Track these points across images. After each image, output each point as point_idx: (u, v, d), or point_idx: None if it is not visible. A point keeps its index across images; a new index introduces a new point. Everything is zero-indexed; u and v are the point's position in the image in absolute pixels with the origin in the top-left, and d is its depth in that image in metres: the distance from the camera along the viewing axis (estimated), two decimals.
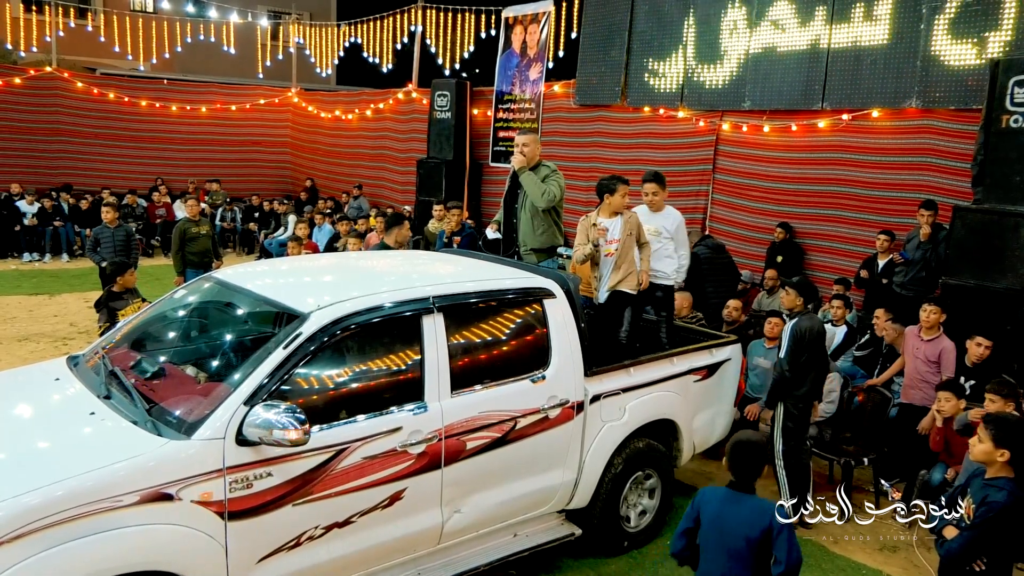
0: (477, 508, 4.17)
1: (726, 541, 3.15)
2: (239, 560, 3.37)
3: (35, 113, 16.02)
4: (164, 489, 3.16)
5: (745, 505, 3.18)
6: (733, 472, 3.28)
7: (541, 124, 12.75)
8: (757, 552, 3.09)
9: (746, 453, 3.27)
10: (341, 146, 17.66)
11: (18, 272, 12.95)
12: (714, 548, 3.20)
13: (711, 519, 3.22)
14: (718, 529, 3.19)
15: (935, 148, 8.25)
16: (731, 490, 3.24)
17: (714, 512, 3.22)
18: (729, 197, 10.31)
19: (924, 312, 6.09)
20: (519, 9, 13.34)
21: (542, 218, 5.99)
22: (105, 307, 7.26)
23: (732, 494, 3.23)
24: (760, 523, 3.10)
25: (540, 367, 4.41)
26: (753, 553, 3.09)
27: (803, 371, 5.36)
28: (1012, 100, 6.48)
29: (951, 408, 5.34)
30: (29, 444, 3.40)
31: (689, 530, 3.31)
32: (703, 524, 3.25)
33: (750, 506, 3.18)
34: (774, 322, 6.48)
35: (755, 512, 3.14)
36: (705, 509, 3.26)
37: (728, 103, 10.09)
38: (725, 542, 3.16)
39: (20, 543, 2.85)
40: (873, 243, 8.42)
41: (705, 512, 3.26)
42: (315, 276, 4.72)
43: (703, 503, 3.29)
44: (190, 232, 9.07)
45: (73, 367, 4.14)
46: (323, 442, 3.53)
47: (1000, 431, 3.51)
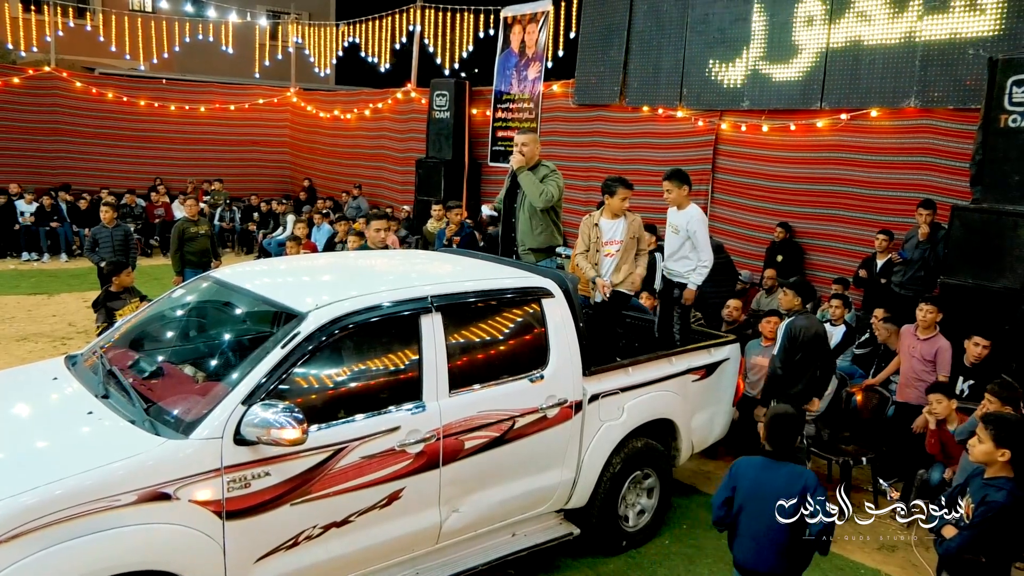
0: (475, 508, 4.17)
1: (764, 505, 3.40)
2: (237, 560, 3.37)
3: (34, 113, 16.01)
4: (162, 488, 3.15)
5: (782, 471, 3.47)
6: (771, 442, 3.58)
7: (540, 124, 12.74)
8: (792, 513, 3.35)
9: (783, 424, 3.59)
10: (340, 146, 17.65)
11: (17, 272, 12.94)
12: (752, 512, 3.47)
13: (751, 486, 3.49)
14: (758, 494, 3.45)
15: (934, 148, 8.26)
16: (767, 459, 3.54)
17: (753, 479, 3.50)
18: (729, 196, 10.31)
19: (920, 311, 6.09)
20: (518, 9, 13.34)
21: (540, 218, 5.99)
22: (103, 307, 7.26)
23: (769, 462, 3.53)
24: (797, 486, 3.39)
25: (538, 366, 4.41)
26: (788, 514, 3.35)
27: (797, 370, 5.35)
28: (1011, 99, 6.48)
29: (943, 410, 5.33)
30: (27, 443, 3.40)
31: (728, 499, 3.56)
32: (742, 491, 3.51)
33: (787, 472, 3.47)
34: (772, 321, 6.48)
35: (792, 477, 3.44)
36: (743, 478, 3.53)
37: (727, 103, 10.10)
38: (762, 506, 3.41)
39: (18, 542, 2.85)
40: (872, 243, 8.43)
41: (743, 480, 3.52)
42: (313, 275, 4.72)
43: (740, 473, 3.55)
44: (188, 232, 9.07)
45: (71, 366, 4.13)
46: (321, 441, 3.53)
47: (1000, 431, 3.51)
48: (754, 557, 3.50)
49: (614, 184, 5.67)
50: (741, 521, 3.54)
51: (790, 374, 5.33)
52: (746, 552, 3.54)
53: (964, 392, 5.89)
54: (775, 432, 3.58)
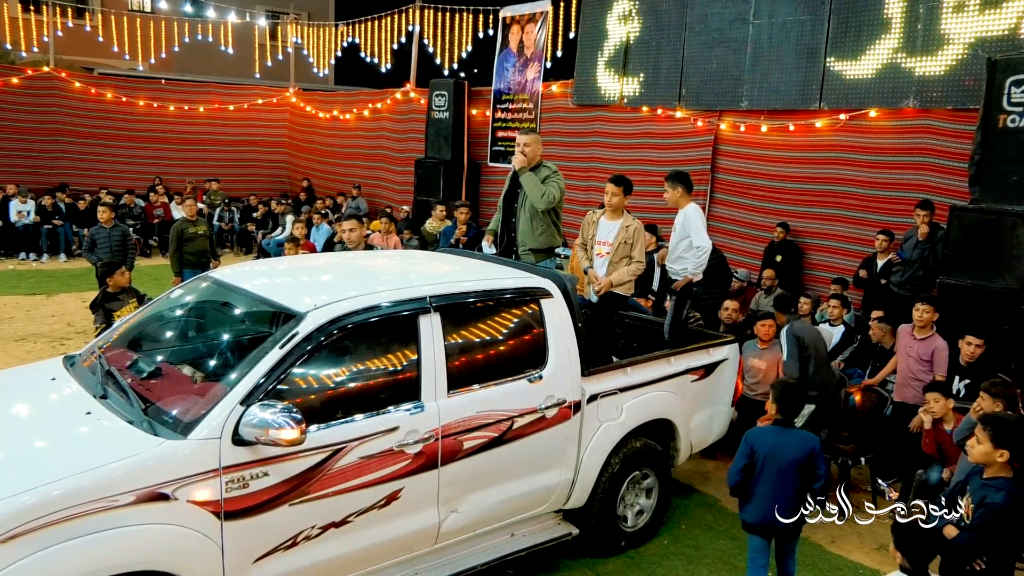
0: (474, 508, 4.17)
1: (780, 466, 4.00)
2: (235, 560, 3.37)
3: (33, 113, 16.00)
4: (160, 489, 3.15)
5: (793, 436, 4.08)
6: (780, 411, 4.13)
7: (539, 124, 12.75)
8: (801, 471, 4.00)
9: (791, 394, 4.17)
10: (339, 146, 17.65)
11: (15, 272, 12.93)
12: (769, 473, 4.02)
13: (768, 451, 4.03)
14: (774, 457, 4.01)
15: (933, 148, 8.26)
16: (778, 426, 4.11)
17: (769, 444, 4.05)
18: (728, 196, 10.31)
19: (917, 311, 6.09)
20: (517, 9, 13.34)
21: (541, 218, 5.99)
22: (101, 308, 7.26)
23: (780, 429, 4.10)
24: (806, 447, 4.01)
25: (537, 367, 4.41)
26: (798, 472, 3.99)
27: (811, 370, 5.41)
28: (1009, 100, 6.49)
29: (940, 409, 5.34)
30: (25, 444, 3.39)
31: (746, 466, 4.08)
32: (760, 456, 4.04)
33: (797, 436, 4.09)
34: (768, 324, 6.51)
35: (801, 440, 4.06)
36: (760, 444, 4.07)
37: (726, 103, 10.10)
38: (779, 466, 4.00)
39: (16, 543, 2.85)
40: (872, 242, 8.43)
41: (760, 447, 4.06)
42: (312, 276, 4.71)
43: (756, 441, 4.09)
44: (187, 232, 9.07)
45: (70, 367, 4.13)
46: (320, 442, 3.53)
47: (998, 431, 3.51)
48: (770, 513, 3.95)
49: (609, 182, 5.69)
50: (759, 483, 4.04)
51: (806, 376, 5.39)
52: (762, 510, 4.02)
53: (960, 392, 5.89)
54: (784, 402, 4.11)
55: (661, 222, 9.47)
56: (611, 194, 5.70)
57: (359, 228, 6.70)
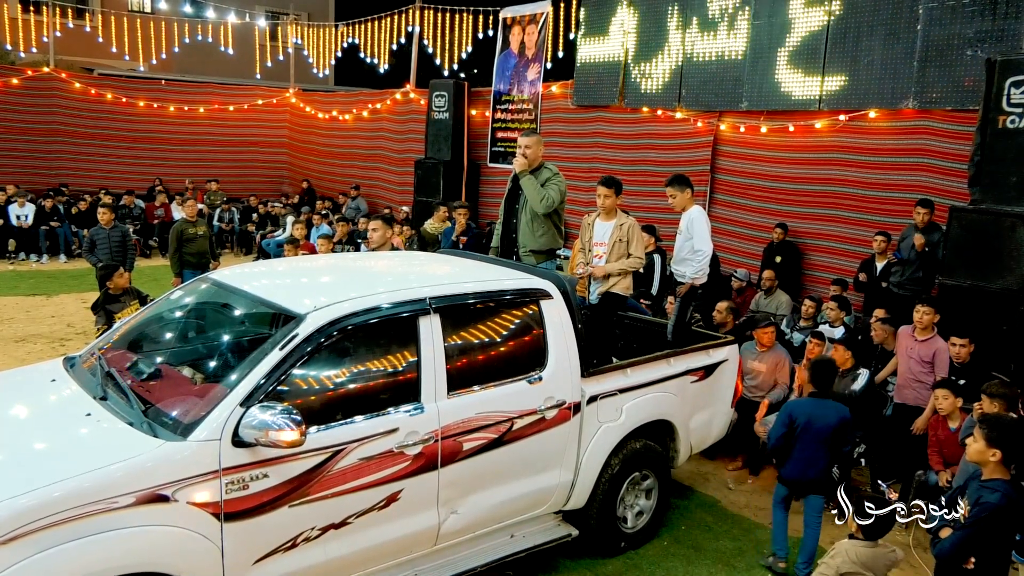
0: (474, 509, 4.17)
1: (817, 432, 4.67)
2: (235, 561, 3.37)
3: (33, 114, 16.01)
4: (160, 490, 3.15)
5: (829, 407, 4.74)
6: (815, 384, 4.83)
7: (539, 125, 12.75)
8: (834, 437, 4.68)
9: (824, 369, 4.89)
10: (339, 147, 17.65)
11: (15, 273, 12.94)
12: (807, 438, 4.69)
13: (807, 419, 4.68)
14: (812, 425, 4.66)
15: (932, 149, 8.26)
16: (815, 398, 4.80)
17: (808, 413, 4.71)
18: (727, 197, 10.31)
19: (918, 313, 6.08)
20: (517, 10, 13.34)
21: (542, 220, 5.99)
22: (102, 309, 7.26)
23: (817, 401, 4.78)
24: (838, 416, 4.69)
25: (537, 368, 4.41)
26: (832, 438, 4.67)
27: None
28: (1009, 101, 6.49)
29: (949, 406, 5.34)
30: (25, 445, 3.39)
31: (785, 433, 4.75)
32: (800, 424, 4.69)
33: (832, 407, 4.75)
34: (770, 332, 6.54)
35: (835, 410, 4.73)
36: (799, 414, 4.72)
37: (725, 104, 10.10)
38: (816, 433, 4.67)
39: (16, 544, 2.85)
40: (871, 243, 8.41)
41: (799, 416, 4.71)
42: (312, 277, 4.71)
43: (796, 412, 4.75)
44: (187, 233, 9.06)
45: (70, 368, 4.13)
46: (320, 443, 3.53)
47: (992, 431, 3.53)
48: (804, 470, 4.73)
49: (599, 183, 5.71)
50: (796, 447, 4.73)
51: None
52: (798, 468, 4.75)
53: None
54: (818, 376, 4.84)
55: (660, 222, 9.47)
56: (603, 196, 5.73)
57: (382, 229, 6.52)
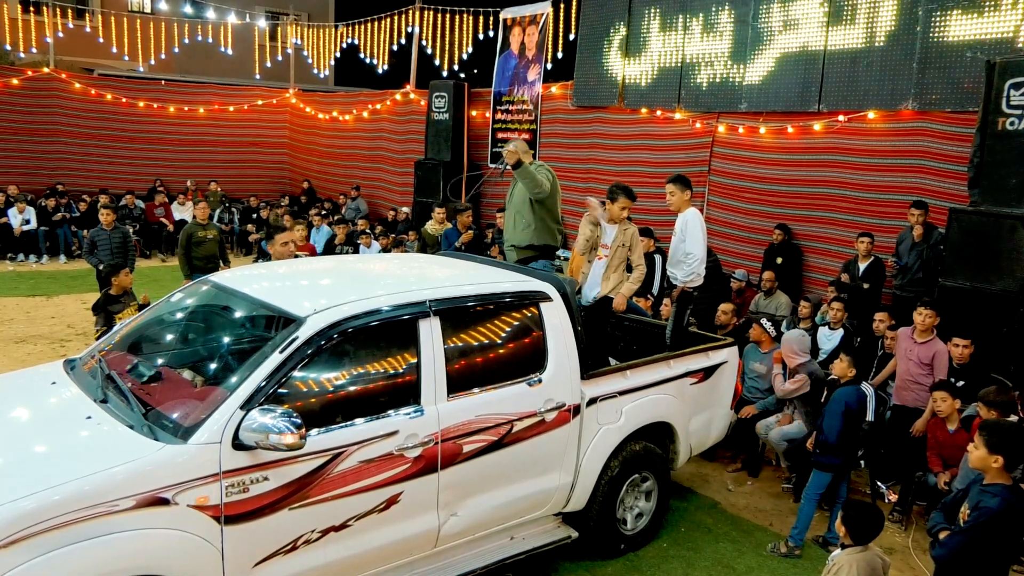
0: (474, 511, 4.17)
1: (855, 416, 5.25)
2: (235, 564, 3.38)
3: (33, 114, 16.01)
4: (160, 493, 3.16)
5: (859, 390, 5.33)
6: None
7: (539, 125, 12.76)
8: (856, 414, 5.22)
9: (858, 356, 5.49)
10: (339, 147, 17.65)
11: (15, 273, 12.94)
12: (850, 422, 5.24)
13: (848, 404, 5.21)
14: (848, 406, 5.20)
15: (931, 151, 8.26)
16: (853, 386, 5.31)
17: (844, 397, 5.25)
18: (726, 199, 10.31)
19: (919, 315, 6.08)
20: (517, 10, 13.34)
21: (526, 215, 5.97)
22: (102, 310, 7.26)
23: (855, 388, 5.30)
24: (860, 397, 5.27)
25: (536, 370, 4.42)
26: (855, 415, 5.22)
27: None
28: (1008, 102, 6.50)
29: (947, 408, 5.35)
30: (25, 448, 3.40)
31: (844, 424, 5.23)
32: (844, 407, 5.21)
33: (858, 390, 5.31)
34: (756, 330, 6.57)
35: (860, 392, 5.32)
36: (848, 400, 5.23)
37: (724, 105, 10.11)
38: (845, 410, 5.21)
39: (16, 548, 2.85)
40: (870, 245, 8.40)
41: (848, 401, 5.23)
42: (312, 279, 4.72)
43: (845, 399, 5.22)
44: (196, 236, 8.90)
45: (70, 371, 4.13)
46: (320, 446, 3.53)
47: (993, 437, 3.53)
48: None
49: (617, 192, 5.68)
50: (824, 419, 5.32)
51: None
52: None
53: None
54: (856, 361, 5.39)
55: (657, 224, 9.47)
56: (621, 207, 5.68)
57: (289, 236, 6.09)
